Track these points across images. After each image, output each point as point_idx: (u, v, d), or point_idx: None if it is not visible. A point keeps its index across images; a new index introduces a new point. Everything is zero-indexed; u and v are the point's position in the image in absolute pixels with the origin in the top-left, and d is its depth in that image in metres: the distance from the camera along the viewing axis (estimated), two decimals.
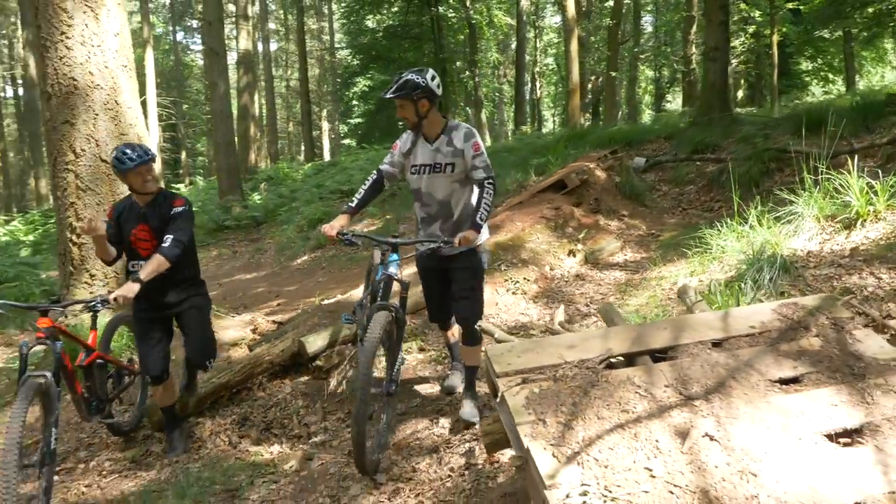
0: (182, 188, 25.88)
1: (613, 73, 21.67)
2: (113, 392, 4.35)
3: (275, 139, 29.86)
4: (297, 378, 5.04)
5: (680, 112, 19.87)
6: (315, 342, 4.94)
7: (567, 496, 1.88)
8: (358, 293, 5.95)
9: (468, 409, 3.80)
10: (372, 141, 26.22)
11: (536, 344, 2.54)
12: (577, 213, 6.47)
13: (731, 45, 20.71)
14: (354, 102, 31.28)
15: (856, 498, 1.87)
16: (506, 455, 3.10)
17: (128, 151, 3.78)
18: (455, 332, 4.21)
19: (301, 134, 36.40)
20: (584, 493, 1.87)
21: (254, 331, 6.14)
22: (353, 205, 3.80)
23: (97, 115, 5.45)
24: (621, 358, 2.50)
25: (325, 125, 41.15)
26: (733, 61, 21.29)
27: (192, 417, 4.58)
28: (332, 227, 3.68)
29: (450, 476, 3.35)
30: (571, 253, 5.99)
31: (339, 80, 33.09)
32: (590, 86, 28.28)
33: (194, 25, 38.49)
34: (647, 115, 34.39)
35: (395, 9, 26.82)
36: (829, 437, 2.08)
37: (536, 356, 2.43)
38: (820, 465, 1.96)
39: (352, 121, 33.09)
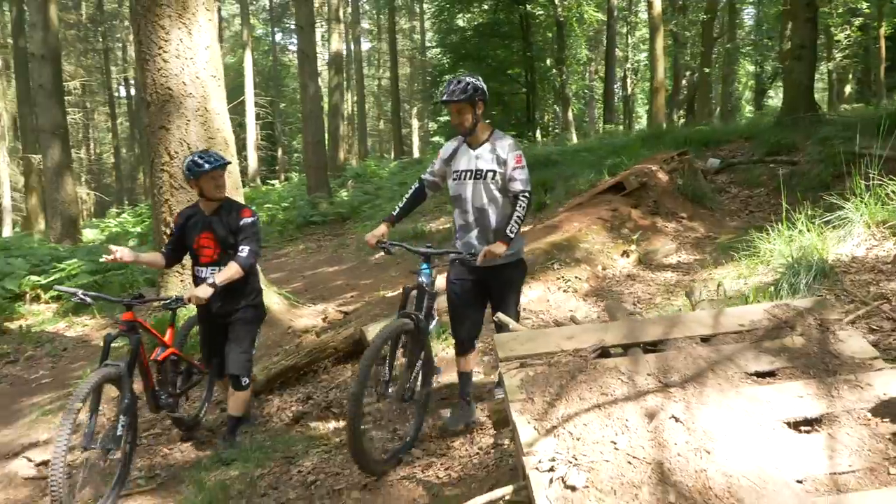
0: (277, 184, 27.29)
1: (707, 70, 21.19)
2: (182, 387, 4.57)
3: (364, 137, 30.93)
4: (357, 363, 5.55)
5: (775, 110, 19.25)
6: (374, 331, 5.41)
7: (539, 462, 2.21)
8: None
9: (461, 414, 4.04)
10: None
11: (539, 334, 2.88)
12: (635, 214, 6.65)
13: (836, 38, 19.87)
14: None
15: (797, 476, 2.10)
16: None
17: (203, 157, 4.04)
18: (471, 361, 4.14)
19: (391, 131, 37.46)
20: (553, 460, 2.20)
21: (324, 319, 6.70)
22: (395, 214, 3.95)
23: (189, 121, 6.15)
24: (620, 349, 2.80)
25: (415, 123, 42.11)
26: (837, 55, 20.39)
27: (262, 395, 5.16)
28: (374, 236, 3.84)
29: (478, 454, 3.72)
30: (625, 253, 6.19)
31: (429, 78, 33.85)
32: (683, 82, 27.66)
33: (292, 27, 40.34)
34: (747, 112, 33.24)
35: (486, 7, 27.19)
36: (790, 424, 2.30)
37: (536, 344, 2.76)
38: (772, 448, 2.20)
39: (441, 118, 33.82)
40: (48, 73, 11.85)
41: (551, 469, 2.17)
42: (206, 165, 3.98)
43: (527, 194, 3.70)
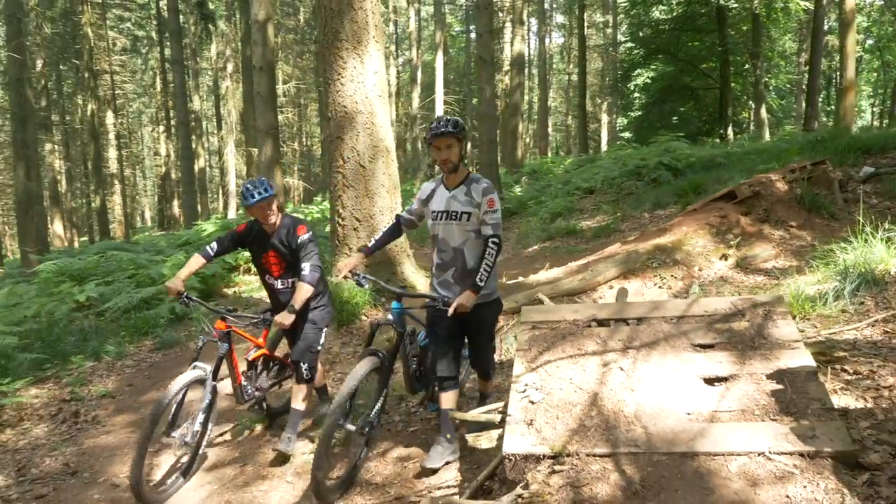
0: None
1: None
2: (273, 382, 5.18)
3: (545, 134, 32.01)
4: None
5: None
6: None
7: (518, 386, 3.41)
8: (549, 274, 7.53)
9: (437, 452, 4.03)
10: (644, 136, 26.90)
11: (555, 308, 4.02)
12: (743, 221, 7.24)
13: None
14: (636, 95, 32.01)
15: (688, 410, 3.10)
16: None
17: (251, 189, 4.37)
18: (452, 400, 4.09)
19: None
20: (527, 385, 3.38)
21: None
22: (370, 246, 4.22)
23: (359, 132, 7.83)
24: (610, 322, 3.86)
25: (605, 118, 42.32)
26: None
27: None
28: (346, 266, 4.12)
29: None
30: (724, 257, 6.87)
31: (619, 72, 34.04)
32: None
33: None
34: None
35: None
36: (704, 379, 3.27)
37: (549, 315, 3.92)
38: (680, 392, 3.19)
39: (631, 114, 33.84)
40: (265, 82, 14.50)
41: (524, 390, 3.36)
42: (251, 199, 4.34)
43: (496, 240, 3.82)
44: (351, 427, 4.02)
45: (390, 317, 4.07)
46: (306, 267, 4.37)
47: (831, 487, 2.64)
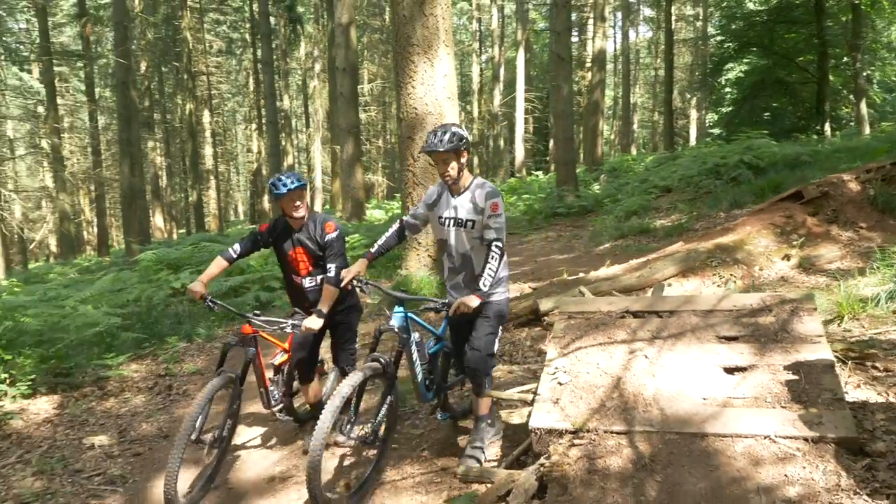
0: (541, 175, 29.48)
1: None
2: (298, 388, 5.00)
3: (627, 131, 31.66)
4: (533, 328, 7.17)
5: None
6: (546, 304, 6.95)
7: (549, 369, 3.74)
8: (609, 271, 7.75)
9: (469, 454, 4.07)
10: (734, 132, 26.26)
11: (591, 300, 4.31)
12: (810, 221, 7.23)
13: None
14: (727, 90, 31.20)
15: (704, 396, 3.35)
16: None
17: (283, 178, 4.29)
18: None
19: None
20: (557, 369, 3.71)
21: (520, 293, 8.42)
22: (373, 251, 4.16)
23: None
24: (643, 314, 4.11)
25: (693, 114, 41.36)
26: None
27: None
28: (350, 273, 4.01)
29: None
30: (786, 257, 6.90)
31: (709, 66, 33.24)
32: None
33: (574, 17, 42.10)
34: None
35: None
36: (725, 368, 3.50)
37: (586, 306, 4.22)
38: (699, 379, 3.44)
39: (722, 109, 32.97)
40: (348, 83, 15.23)
41: (554, 373, 3.69)
42: (283, 189, 4.24)
43: (499, 244, 3.79)
44: (342, 437, 3.98)
45: (393, 323, 3.97)
46: (332, 268, 4.27)
47: (830, 469, 2.85)
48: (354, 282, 4.05)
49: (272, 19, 26.13)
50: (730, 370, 3.49)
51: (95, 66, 28.88)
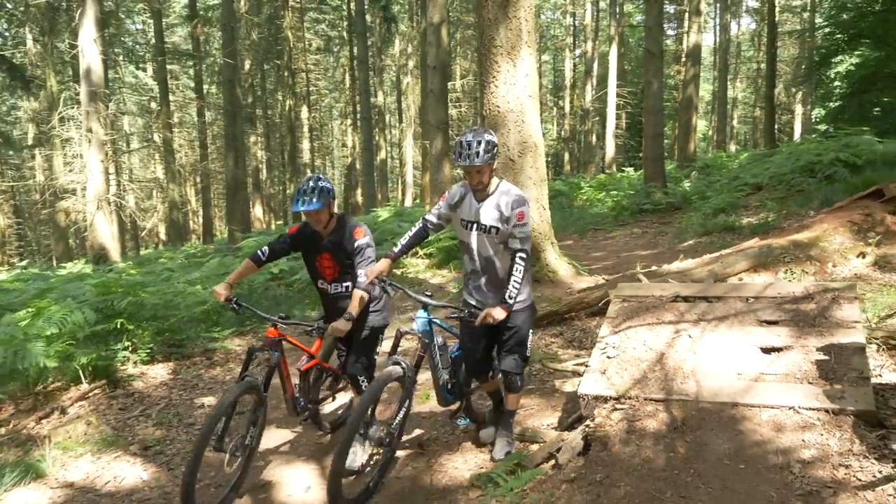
0: (632, 171, 29.28)
1: None
2: (325, 393, 5.08)
3: (722, 127, 30.94)
4: (604, 317, 7.55)
5: None
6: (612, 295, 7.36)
7: (600, 346, 4.19)
8: (682, 265, 8.02)
9: (499, 448, 4.27)
10: (842, 128, 25.24)
11: (646, 285, 4.71)
12: (889, 220, 7.24)
13: None
14: (836, 84, 29.96)
15: (738, 371, 3.71)
16: None
17: (302, 193, 4.22)
18: (494, 385, 4.49)
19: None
20: (607, 344, 4.15)
21: (596, 284, 8.78)
22: (396, 250, 4.15)
23: (509, 129, 8.76)
24: (693, 299, 4.48)
25: (798, 109, 39.81)
26: None
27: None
28: (372, 272, 4.02)
29: None
30: (861, 255, 6.97)
31: (815, 59, 31.95)
32: None
33: (671, 11, 41.38)
34: None
35: None
36: (762, 349, 3.85)
37: (640, 291, 4.62)
38: (736, 357, 3.81)
39: (830, 104, 31.65)
40: (438, 80, 15.87)
41: (604, 348, 4.14)
42: (299, 207, 4.20)
43: (524, 254, 3.85)
44: (369, 440, 4.06)
45: (415, 326, 4.00)
46: (362, 273, 4.24)
47: (845, 437, 3.19)
48: (377, 282, 4.01)
49: (367, 18, 27.19)
50: (766, 350, 3.84)
51: (204, 64, 30.86)
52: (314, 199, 4.16)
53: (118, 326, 7.44)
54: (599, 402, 3.79)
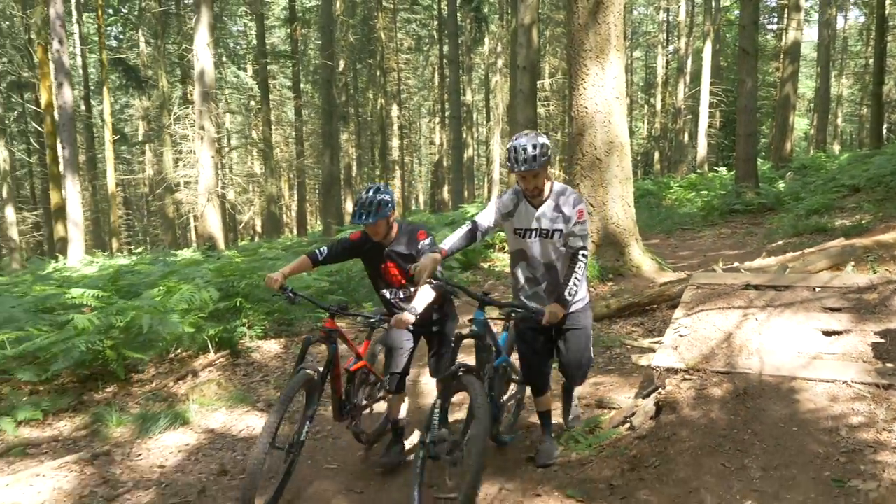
0: (723, 171, 28.89)
1: None
2: (366, 402, 4.86)
3: (822, 126, 30.03)
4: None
5: None
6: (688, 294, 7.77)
7: (674, 326, 4.72)
8: (763, 262, 8.33)
9: (547, 449, 4.30)
10: None
11: (720, 275, 5.19)
12: None
13: None
14: None
15: (799, 350, 4.18)
16: None
17: (360, 206, 4.18)
18: (549, 401, 4.43)
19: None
20: (679, 325, 4.68)
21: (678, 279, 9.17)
22: (446, 248, 3.97)
23: (596, 129, 9.28)
24: (763, 288, 4.94)
25: None
26: None
27: (612, 318, 8.02)
28: (425, 269, 3.79)
29: None
30: None
31: None
32: None
33: (772, 3, 40.26)
34: None
35: None
36: (823, 332, 4.29)
37: (713, 279, 5.12)
38: (798, 339, 4.27)
39: None
40: (527, 81, 16.44)
41: (677, 328, 4.67)
42: (358, 220, 4.20)
43: (585, 252, 3.88)
44: (440, 447, 3.70)
45: (474, 327, 3.88)
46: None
47: (892, 408, 3.64)
48: (431, 280, 3.88)
49: (458, 17, 27.96)
50: (827, 333, 4.28)
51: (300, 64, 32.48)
52: (371, 215, 4.13)
53: (237, 305, 8.43)
54: (671, 374, 4.33)
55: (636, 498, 3.55)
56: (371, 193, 4.17)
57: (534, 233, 3.96)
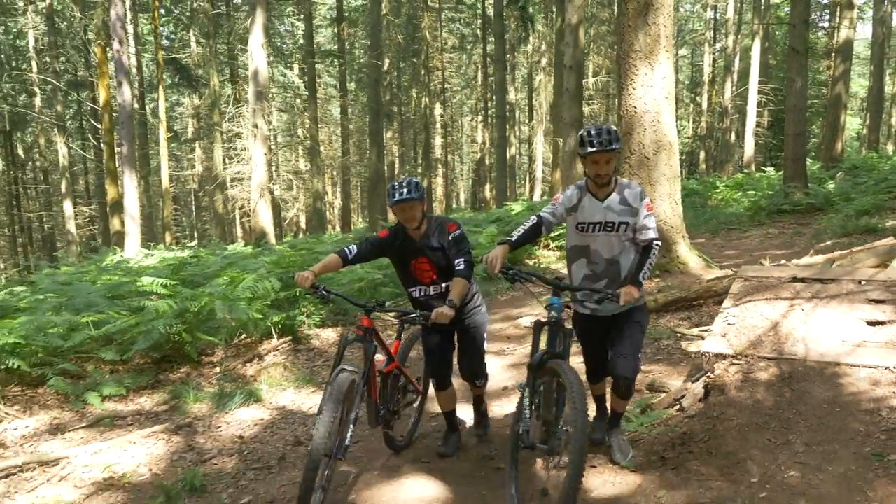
0: (771, 171, 28.69)
1: None
2: (398, 405, 4.72)
3: (875, 126, 29.56)
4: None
5: None
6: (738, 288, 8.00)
7: (722, 315, 5.02)
8: (810, 260, 8.51)
9: (619, 449, 4.26)
10: None
11: (767, 268, 5.46)
12: None
13: None
14: None
15: (843, 338, 4.44)
16: None
17: (398, 186, 4.16)
18: (604, 386, 4.48)
19: None
20: (728, 314, 4.97)
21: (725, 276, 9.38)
22: (513, 239, 4.02)
23: (645, 129, 9.53)
24: (809, 281, 5.19)
25: None
26: None
27: (660, 312, 8.29)
28: (497, 258, 3.80)
29: None
30: None
31: None
32: None
33: (824, 0, 39.63)
34: None
35: None
36: (867, 322, 4.55)
37: (760, 272, 5.39)
38: (843, 327, 4.53)
39: None
40: (573, 80, 16.71)
41: (726, 317, 4.96)
42: (395, 196, 4.15)
43: (658, 243, 3.96)
44: (533, 435, 3.66)
45: (553, 314, 3.81)
46: (461, 262, 4.19)
47: None
48: (504, 272, 3.82)
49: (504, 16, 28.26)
50: (871, 323, 4.53)
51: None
52: (412, 191, 4.13)
53: (296, 294, 8.92)
54: (719, 359, 4.63)
55: (686, 468, 3.88)
56: (405, 179, 4.22)
57: (598, 226, 3.95)
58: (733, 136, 35.23)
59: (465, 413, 5.22)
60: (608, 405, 4.42)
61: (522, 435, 3.62)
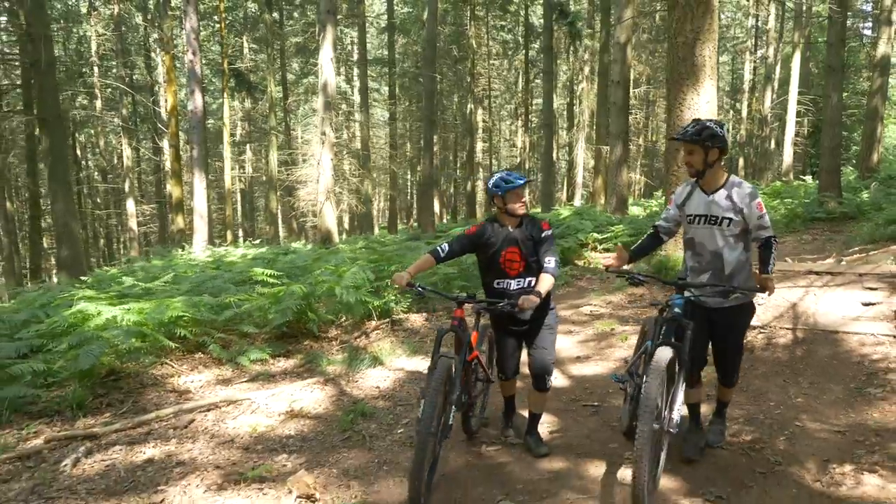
0: (808, 180, 30.01)
1: None
2: (476, 393, 4.99)
3: None
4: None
5: None
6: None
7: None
8: (831, 262, 10.11)
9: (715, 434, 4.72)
10: None
11: (788, 264, 7.17)
12: None
13: None
14: None
15: (843, 314, 6.14)
16: None
17: (507, 176, 4.46)
18: (698, 392, 4.78)
19: None
20: (757, 298, 6.68)
21: None
22: (634, 249, 4.40)
23: None
24: (823, 273, 6.88)
25: None
26: None
27: None
28: (620, 259, 4.18)
29: None
30: None
31: None
32: None
33: (867, 8, 40.68)
34: None
35: None
36: (863, 303, 6.24)
37: (785, 267, 7.11)
38: (843, 306, 6.23)
39: None
40: (620, 94, 18.42)
41: (755, 299, 6.68)
42: (510, 184, 4.40)
43: (776, 239, 4.08)
44: (657, 426, 3.78)
45: (676, 310, 4.00)
46: (551, 260, 4.40)
47: None
48: (626, 273, 4.14)
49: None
50: (865, 304, 6.23)
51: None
52: (521, 177, 4.43)
53: (387, 285, 10.77)
54: (750, 329, 6.36)
55: None
56: (502, 171, 4.59)
57: (702, 219, 4.11)
58: (773, 144, 36.55)
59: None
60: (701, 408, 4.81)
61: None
